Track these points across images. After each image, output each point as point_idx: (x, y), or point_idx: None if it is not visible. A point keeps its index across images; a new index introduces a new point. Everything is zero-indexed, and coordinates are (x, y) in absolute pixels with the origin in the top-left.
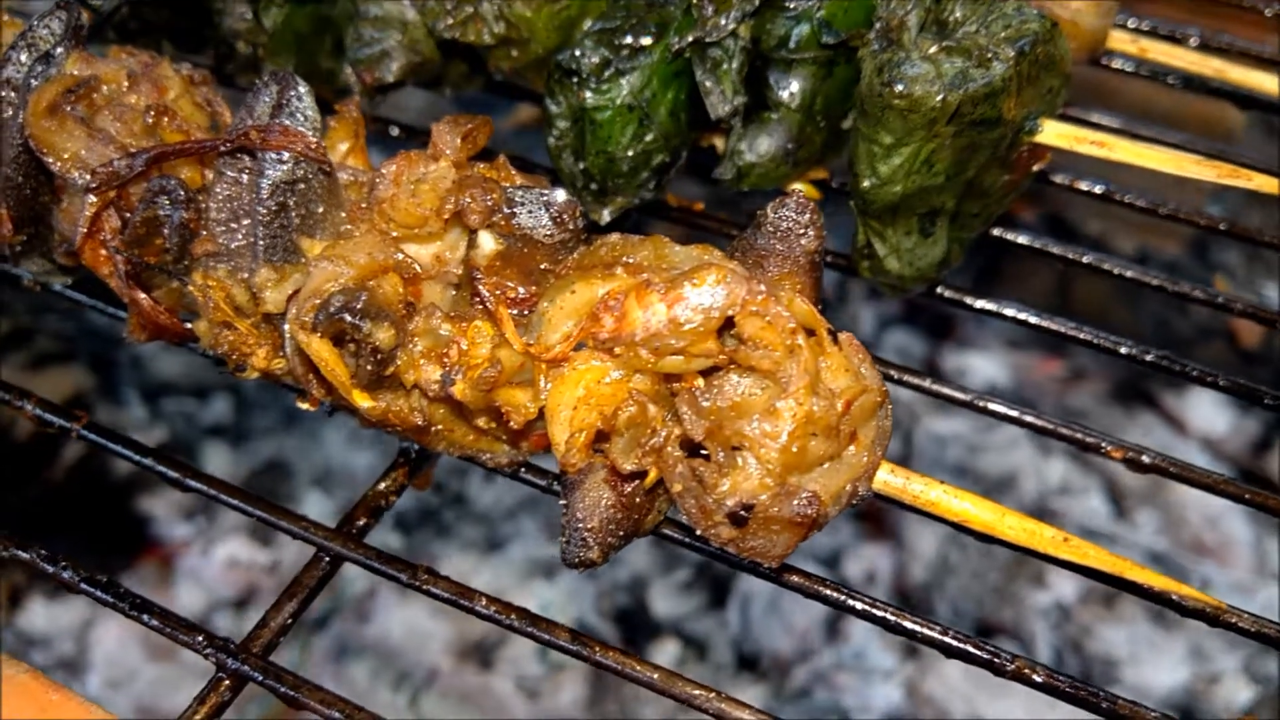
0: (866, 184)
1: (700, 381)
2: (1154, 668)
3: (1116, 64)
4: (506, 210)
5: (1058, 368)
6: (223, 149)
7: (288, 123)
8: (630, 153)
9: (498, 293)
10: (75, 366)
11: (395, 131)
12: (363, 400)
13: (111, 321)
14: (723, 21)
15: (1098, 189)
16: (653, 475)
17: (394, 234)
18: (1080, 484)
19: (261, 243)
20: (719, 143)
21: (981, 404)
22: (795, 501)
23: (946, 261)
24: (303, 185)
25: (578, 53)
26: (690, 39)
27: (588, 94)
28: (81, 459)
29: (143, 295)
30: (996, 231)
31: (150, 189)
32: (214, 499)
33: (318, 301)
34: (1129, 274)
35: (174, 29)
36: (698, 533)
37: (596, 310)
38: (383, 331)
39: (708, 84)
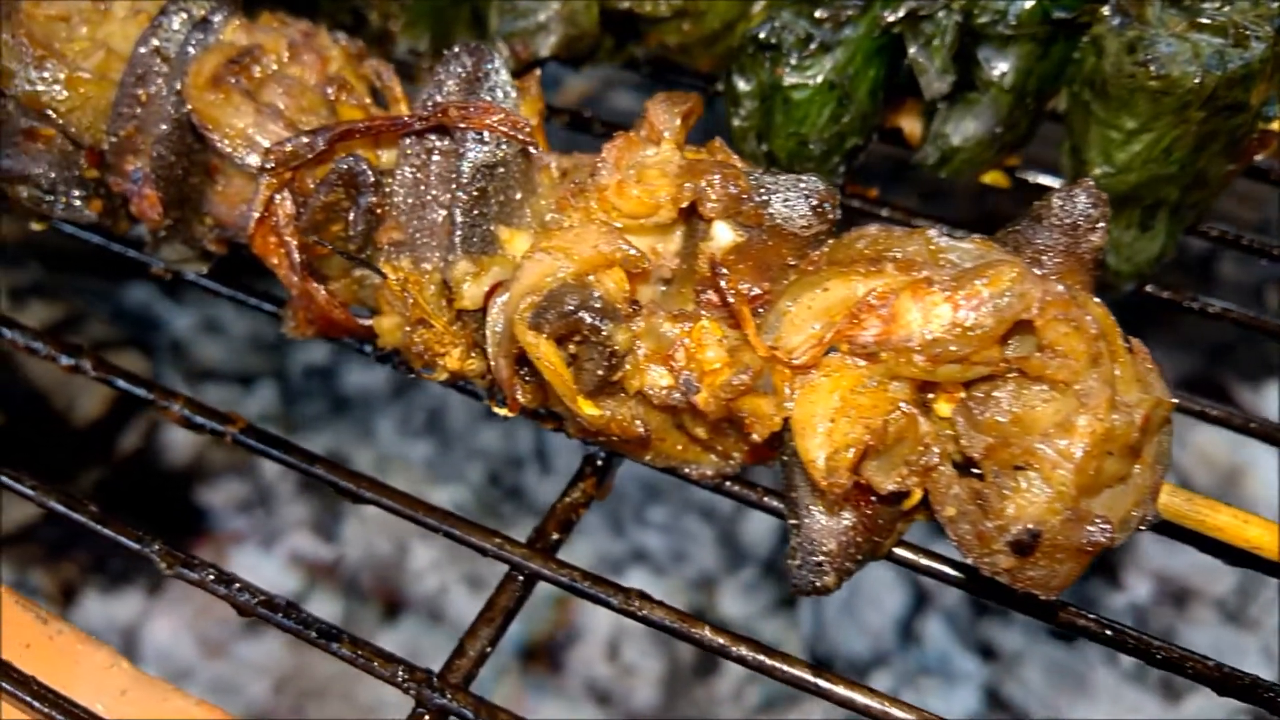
0: (1098, 172)
1: (962, 392)
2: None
3: None
4: (758, 199)
5: None
6: (417, 127)
7: (487, 99)
8: (825, 135)
9: (739, 290)
10: (131, 353)
11: None
12: (588, 409)
13: (148, 305)
14: None
15: None
16: (915, 496)
17: (617, 224)
18: None
19: (459, 232)
20: (905, 124)
21: (1201, 409)
22: (1089, 528)
23: (1161, 257)
24: (502, 169)
25: (778, 25)
26: (903, 12)
27: (787, 71)
28: (139, 448)
29: (319, 287)
30: None
31: (336, 171)
32: (394, 512)
33: (535, 299)
34: None
35: None
36: (968, 560)
37: (857, 310)
38: (621, 333)
39: (921, 60)
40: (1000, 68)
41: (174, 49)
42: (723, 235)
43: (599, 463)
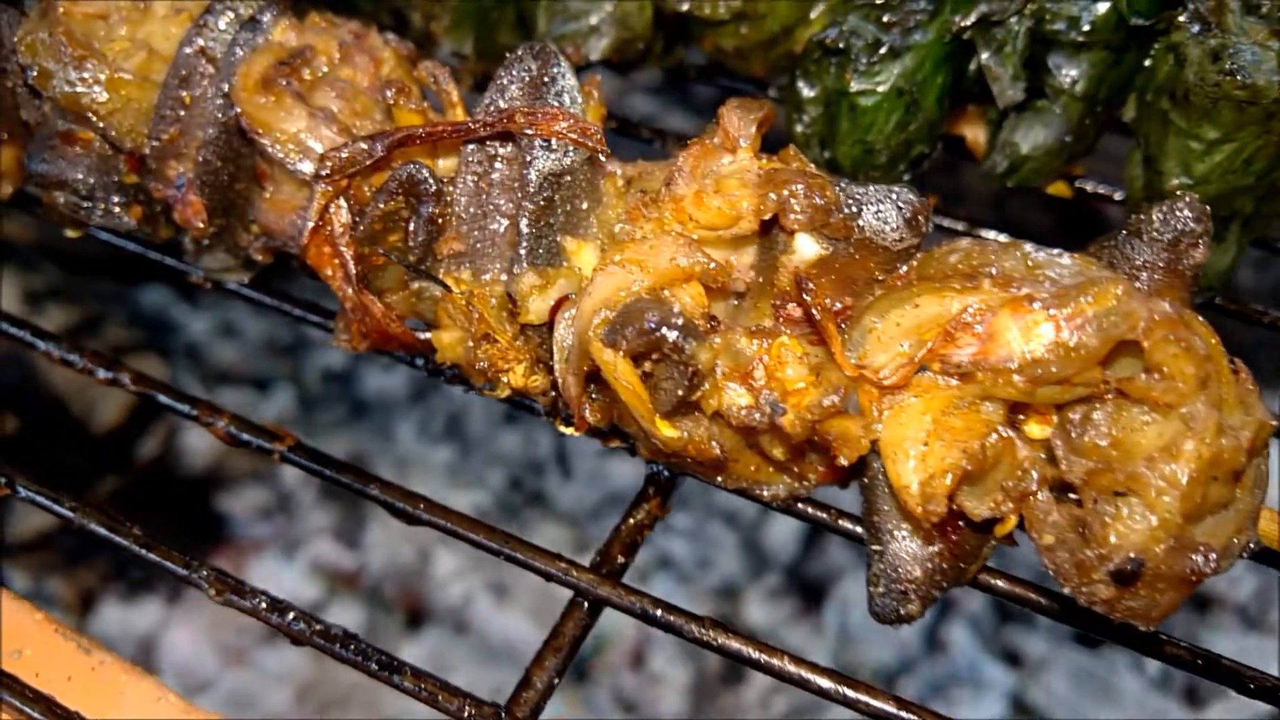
0: (1175, 184)
1: (1054, 414)
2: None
3: None
4: (848, 210)
5: None
6: (481, 133)
7: (555, 105)
8: (892, 143)
9: (824, 305)
10: (150, 357)
11: None
12: (666, 430)
13: (164, 308)
14: None
15: None
16: (1009, 523)
17: (694, 236)
18: None
19: (525, 243)
20: (968, 132)
21: None
22: (1194, 557)
23: (1231, 269)
24: (569, 177)
25: (845, 29)
26: (975, 17)
27: (854, 77)
28: (158, 454)
29: (375, 300)
30: None
31: (396, 178)
32: (453, 534)
33: (609, 314)
34: None
35: None
36: (1065, 590)
37: (951, 328)
38: (704, 351)
39: (994, 67)
40: (1072, 75)
41: (220, 49)
42: (806, 248)
43: (662, 480)
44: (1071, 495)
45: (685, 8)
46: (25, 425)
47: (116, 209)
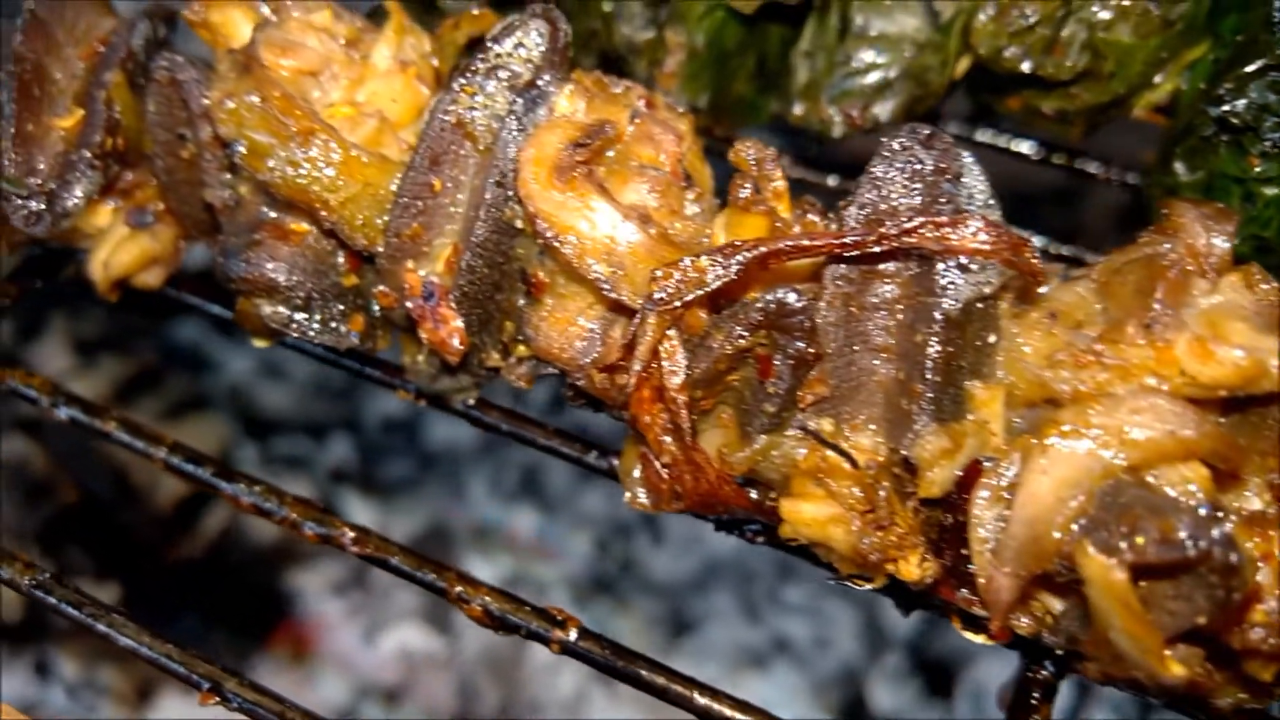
0: None
1: None
2: None
3: None
4: None
5: None
6: (873, 249)
7: (971, 210)
8: None
9: None
10: (218, 415)
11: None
12: (1177, 669)
13: (199, 344)
14: None
15: None
16: None
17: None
18: None
19: (929, 392)
20: None
21: None
22: None
23: None
24: (980, 305)
25: (1254, 101)
26: None
27: (1258, 158)
28: (226, 527)
29: (710, 459)
30: None
31: (762, 307)
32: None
33: (1083, 503)
34: None
35: None
36: None
37: None
38: (1251, 570)
39: None
40: None
41: (482, 122)
42: None
43: (1044, 681)
44: None
45: (1027, 67)
46: (86, 495)
47: (336, 322)
